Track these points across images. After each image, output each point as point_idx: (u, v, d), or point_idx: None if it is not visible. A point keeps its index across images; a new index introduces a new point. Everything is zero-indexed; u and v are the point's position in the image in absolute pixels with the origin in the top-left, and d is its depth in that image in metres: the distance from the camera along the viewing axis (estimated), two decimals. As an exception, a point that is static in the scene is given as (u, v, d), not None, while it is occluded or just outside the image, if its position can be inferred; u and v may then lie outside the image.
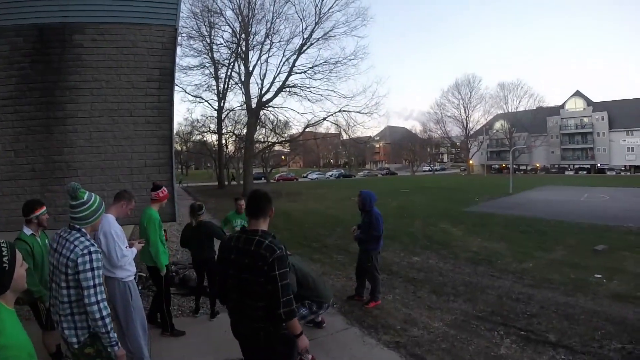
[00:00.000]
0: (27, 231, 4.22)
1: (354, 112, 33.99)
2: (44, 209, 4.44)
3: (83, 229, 2.96)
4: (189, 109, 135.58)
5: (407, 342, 5.38)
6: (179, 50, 43.66)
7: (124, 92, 6.68)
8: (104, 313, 2.76)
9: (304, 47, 32.52)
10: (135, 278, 6.55)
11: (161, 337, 5.48)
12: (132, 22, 6.70)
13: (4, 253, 1.89)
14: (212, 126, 39.46)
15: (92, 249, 2.81)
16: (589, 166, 70.25)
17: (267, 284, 2.84)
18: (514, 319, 6.25)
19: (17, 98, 6.38)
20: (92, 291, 2.74)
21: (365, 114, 34.53)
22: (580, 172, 69.33)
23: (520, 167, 76.69)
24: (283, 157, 69.85)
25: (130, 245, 4.54)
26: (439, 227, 15.84)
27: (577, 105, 73.35)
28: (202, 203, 6.52)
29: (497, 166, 78.78)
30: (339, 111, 33.79)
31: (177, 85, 33.46)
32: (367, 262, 6.71)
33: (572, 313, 6.47)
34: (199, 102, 37.15)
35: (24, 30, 6.39)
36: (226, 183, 42.61)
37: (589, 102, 72.42)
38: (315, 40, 32.65)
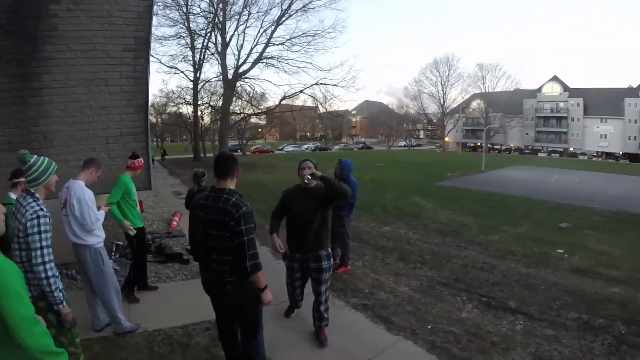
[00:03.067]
0: (13, 196, 4.30)
1: (330, 85, 33.97)
2: (23, 178, 4.52)
3: (36, 194, 3.08)
4: (164, 80, 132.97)
5: (374, 304, 5.64)
6: (154, 20, 41.62)
7: (99, 61, 6.67)
8: (49, 273, 2.87)
9: (283, 19, 32.33)
10: (113, 247, 6.70)
11: (140, 303, 5.60)
12: None
13: None
14: (188, 97, 38.78)
15: (41, 213, 2.93)
16: (562, 149, 71.42)
17: (234, 239, 3.02)
18: (477, 286, 6.56)
19: None
20: (38, 252, 2.87)
21: (342, 87, 34.60)
22: (553, 154, 70.46)
23: (495, 147, 77.75)
24: (259, 130, 69.45)
25: (99, 209, 4.60)
26: (411, 200, 16.18)
27: (554, 89, 74.18)
28: (205, 170, 6.49)
29: (472, 144, 79.62)
30: (316, 84, 33.80)
31: (152, 55, 32.43)
32: (340, 227, 6.89)
33: (532, 283, 6.80)
34: (175, 73, 36.65)
35: None
36: (202, 155, 42.19)
37: (565, 87, 73.29)
38: (293, 12, 32.42)
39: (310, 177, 4.33)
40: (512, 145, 77.95)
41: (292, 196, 4.63)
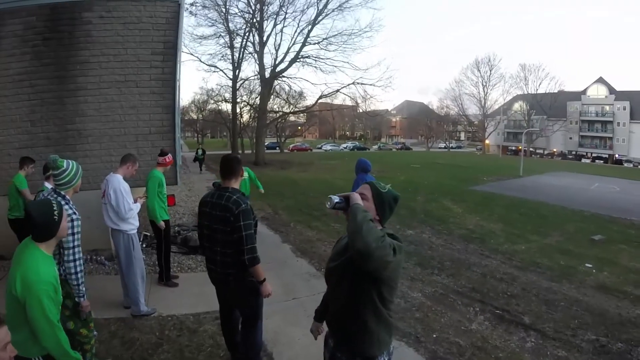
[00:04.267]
0: (48, 185, 4.72)
1: (367, 84, 33.98)
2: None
3: (67, 196, 3.38)
4: (204, 78, 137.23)
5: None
6: (193, 20, 42.88)
7: (130, 65, 7.07)
8: (78, 269, 3.22)
9: (319, 18, 32.34)
10: (140, 237, 7.17)
11: (158, 287, 6.09)
12: None
13: (54, 207, 2.46)
14: (227, 95, 39.58)
15: (74, 217, 3.23)
16: (606, 156, 68.46)
17: (234, 233, 3.30)
18: (492, 297, 6.44)
19: (31, 73, 6.83)
20: (71, 251, 3.22)
21: (379, 87, 34.44)
22: (597, 161, 67.64)
23: (537, 151, 75.57)
24: (299, 128, 69.84)
25: (135, 201, 5.15)
26: (440, 203, 16.00)
27: (599, 92, 70.89)
28: None
29: (513, 148, 77.55)
30: (353, 83, 33.75)
31: (192, 54, 33.28)
32: None
33: (552, 299, 6.54)
34: (214, 71, 37.33)
35: (36, 9, 6.80)
36: (239, 152, 42.88)
37: (611, 90, 69.97)
38: (330, 11, 32.39)
39: (336, 201, 2.30)
40: (554, 149, 75.46)
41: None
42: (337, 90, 35.00)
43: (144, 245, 7.54)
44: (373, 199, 2.36)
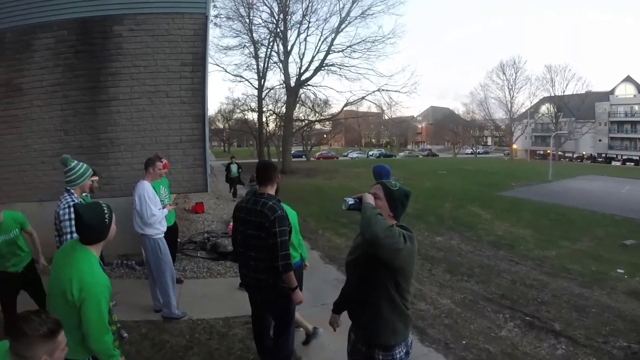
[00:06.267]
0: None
1: (393, 91, 34.13)
2: (96, 177, 5.28)
3: (72, 190, 3.70)
4: (230, 88, 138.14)
5: (412, 314, 5.63)
6: (218, 32, 43.01)
7: (160, 75, 7.24)
8: None
9: (342, 26, 32.57)
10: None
11: (188, 292, 6.21)
12: (165, 12, 7.23)
13: (105, 211, 2.48)
14: (253, 105, 39.93)
15: (72, 203, 3.48)
16: (637, 158, 66.19)
17: (269, 239, 3.34)
18: (522, 304, 6.39)
19: (64, 84, 7.05)
20: (68, 237, 3.44)
21: (404, 93, 34.38)
22: (627, 163, 65.46)
23: (566, 154, 73.88)
24: (324, 136, 70.02)
25: (164, 207, 5.38)
26: (468, 210, 15.91)
27: (628, 91, 68.65)
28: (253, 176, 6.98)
29: (542, 152, 75.85)
30: (378, 90, 33.87)
31: (217, 65, 33.42)
32: None
33: (583, 305, 6.47)
34: (240, 81, 37.59)
35: (68, 24, 7.04)
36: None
37: (639, 88, 68.55)
38: (352, 19, 32.68)
39: (350, 203, 2.62)
40: (583, 152, 73.65)
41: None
42: (363, 98, 35.23)
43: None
44: (385, 197, 2.58)
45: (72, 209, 3.38)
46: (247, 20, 32.89)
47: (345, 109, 38.30)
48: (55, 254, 2.55)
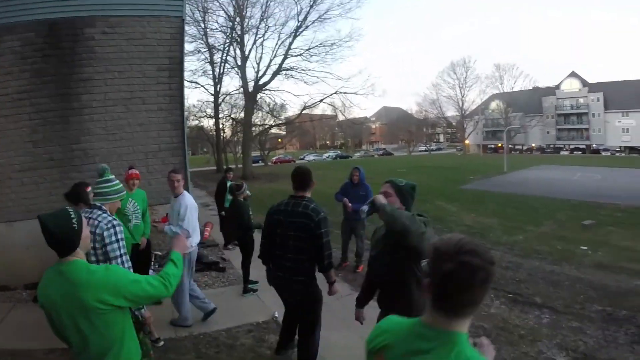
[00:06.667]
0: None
1: (350, 93, 34.37)
2: (89, 189, 4.96)
3: (103, 207, 3.22)
4: (185, 95, 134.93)
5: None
6: None
7: (136, 81, 7.02)
8: None
9: (300, 30, 32.39)
10: (152, 257, 7.08)
11: None
12: (140, 14, 6.99)
13: (72, 216, 2.13)
14: (209, 111, 39.18)
15: (115, 222, 3.12)
16: (584, 147, 70.05)
17: (313, 239, 3.47)
18: (503, 284, 6.77)
19: (31, 92, 6.62)
20: (119, 260, 3.07)
21: (361, 95, 34.73)
22: (575, 152, 69.15)
23: (516, 147, 76.68)
24: (279, 140, 69.69)
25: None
26: (435, 204, 16.25)
27: (573, 85, 72.88)
28: (241, 183, 6.68)
29: (493, 146, 78.52)
30: (335, 93, 33.83)
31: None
32: (362, 228, 7.38)
33: (557, 280, 7.03)
34: (195, 87, 36.87)
35: (35, 25, 6.61)
36: (224, 167, 42.51)
37: (584, 83, 72.02)
38: (310, 23, 32.46)
39: (366, 210, 2.90)
40: (533, 145, 76.88)
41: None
42: (321, 101, 35.08)
43: (157, 266, 7.45)
44: (395, 193, 2.88)
45: (117, 229, 3.08)
46: (202, 25, 32.51)
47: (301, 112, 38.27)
48: (41, 291, 2.16)
